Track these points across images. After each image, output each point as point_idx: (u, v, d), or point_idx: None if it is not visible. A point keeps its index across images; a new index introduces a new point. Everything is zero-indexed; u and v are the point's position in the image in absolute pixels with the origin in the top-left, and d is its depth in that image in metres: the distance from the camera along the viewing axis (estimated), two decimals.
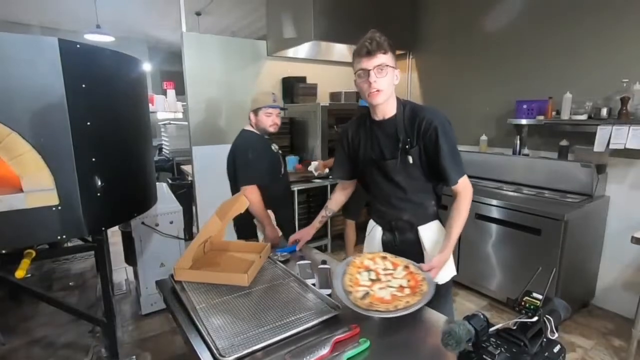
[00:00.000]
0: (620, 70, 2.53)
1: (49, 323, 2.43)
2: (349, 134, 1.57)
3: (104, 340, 2.07)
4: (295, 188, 3.39)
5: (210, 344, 1.00)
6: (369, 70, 1.29)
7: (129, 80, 1.93)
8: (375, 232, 1.61)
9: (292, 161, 4.02)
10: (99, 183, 1.67)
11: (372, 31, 1.34)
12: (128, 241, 2.61)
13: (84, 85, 1.61)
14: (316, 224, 1.78)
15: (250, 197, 2.07)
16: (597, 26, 2.67)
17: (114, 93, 1.81)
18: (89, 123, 1.63)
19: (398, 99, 1.43)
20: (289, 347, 1.01)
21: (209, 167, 3.90)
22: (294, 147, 4.22)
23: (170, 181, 4.15)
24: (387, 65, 1.31)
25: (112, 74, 1.79)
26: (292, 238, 1.75)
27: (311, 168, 3.58)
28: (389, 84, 1.34)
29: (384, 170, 1.46)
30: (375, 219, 1.63)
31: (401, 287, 1.20)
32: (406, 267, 1.30)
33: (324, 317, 1.14)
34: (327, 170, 3.46)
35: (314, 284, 1.38)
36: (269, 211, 2.20)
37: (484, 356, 0.73)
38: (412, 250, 1.47)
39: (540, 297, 0.84)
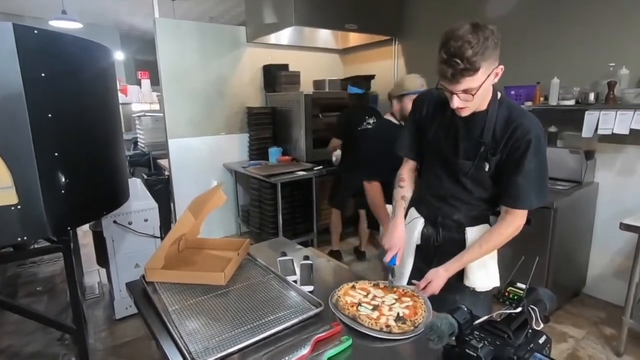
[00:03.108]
0: (607, 55, 2.57)
1: (14, 332, 2.37)
2: (424, 109, 1.37)
3: (74, 349, 2.03)
4: (279, 181, 3.36)
5: (183, 349, 0.98)
6: (453, 93, 1.12)
7: (95, 69, 1.87)
8: (416, 223, 1.48)
9: (274, 153, 3.99)
10: (63, 179, 1.61)
11: (462, 38, 1.02)
12: (99, 241, 2.55)
13: (43, 75, 1.54)
14: (401, 220, 1.42)
15: (371, 193, 2.06)
16: (585, 10, 2.70)
17: (79, 83, 1.74)
18: (50, 115, 1.57)
19: (494, 91, 1.22)
20: (268, 348, 1.00)
21: (186, 160, 3.85)
22: (276, 138, 4.19)
23: (145, 176, 4.07)
24: (478, 86, 1.08)
25: (76, 62, 1.73)
26: (389, 254, 1.35)
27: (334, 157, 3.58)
28: (482, 97, 1.16)
29: (452, 167, 1.32)
30: (419, 209, 1.50)
31: (399, 300, 1.22)
32: (374, 285, 1.30)
33: (305, 316, 1.12)
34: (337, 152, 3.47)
35: (295, 281, 1.37)
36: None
37: (467, 350, 0.73)
38: (454, 250, 1.33)
39: (524, 287, 0.84)
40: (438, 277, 1.23)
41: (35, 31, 1.52)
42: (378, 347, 1.02)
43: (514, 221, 1.25)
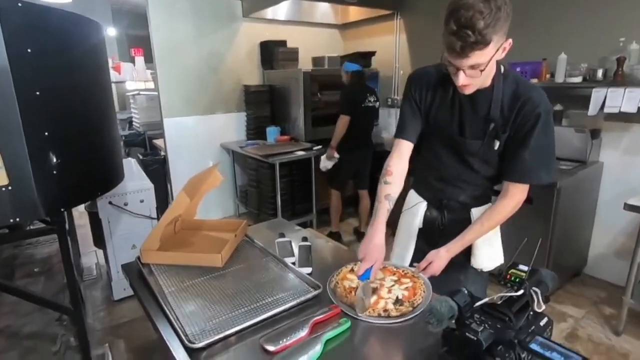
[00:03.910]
0: (617, 29, 2.51)
1: (11, 312, 2.38)
2: (422, 88, 1.28)
3: (72, 329, 2.05)
4: (277, 161, 3.34)
5: (179, 331, 0.98)
6: (459, 69, 1.06)
7: (86, 45, 1.81)
8: (418, 207, 1.44)
9: (273, 132, 3.95)
10: (54, 159, 1.59)
11: (474, 8, 0.94)
12: (95, 223, 2.54)
13: (29, 50, 1.50)
14: (381, 227, 1.21)
15: None
16: None
17: (68, 59, 1.69)
18: (38, 93, 1.53)
19: (498, 66, 1.16)
20: (265, 331, 1.00)
21: (182, 140, 3.81)
22: (274, 117, 4.14)
23: (141, 157, 4.04)
24: (487, 62, 1.03)
25: (64, 38, 1.67)
26: (362, 265, 1.13)
27: (323, 166, 3.44)
28: (487, 74, 1.10)
29: (456, 148, 1.27)
30: (421, 192, 1.46)
31: (398, 282, 1.20)
32: (384, 268, 1.28)
33: (303, 298, 1.12)
34: (336, 155, 3.38)
35: (293, 263, 1.36)
36: None
37: (467, 334, 0.73)
38: (459, 231, 1.30)
39: (526, 269, 0.83)
40: (439, 258, 1.22)
41: (20, 4, 1.47)
42: (377, 328, 1.02)
43: (515, 196, 1.22)
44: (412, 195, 1.50)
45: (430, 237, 1.43)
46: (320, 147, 3.62)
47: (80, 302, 1.99)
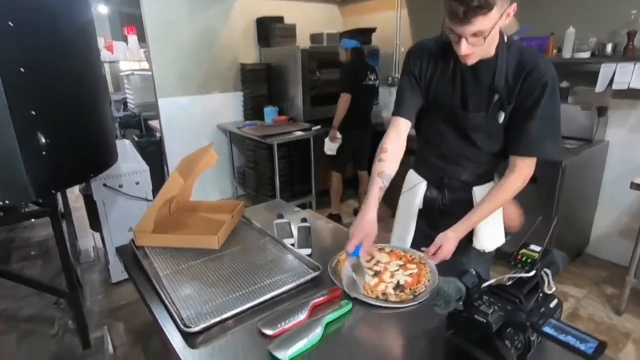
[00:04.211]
0: (628, 2, 2.40)
1: (9, 295, 2.38)
2: (421, 62, 1.22)
3: (70, 312, 2.04)
4: (275, 142, 3.28)
5: (175, 315, 0.95)
6: (461, 37, 1.01)
7: (73, 21, 1.73)
8: (419, 187, 1.39)
9: (270, 112, 3.87)
10: (43, 140, 1.53)
11: None
12: (91, 205, 2.50)
13: (11, 24, 1.43)
14: (373, 204, 1.18)
15: None
16: None
17: (54, 35, 1.62)
18: (22, 69, 1.46)
19: (501, 35, 1.11)
20: (263, 314, 0.97)
21: (178, 121, 3.74)
22: (272, 96, 4.05)
23: (136, 138, 3.98)
24: (491, 28, 0.98)
25: (49, 12, 1.60)
26: (353, 239, 1.10)
27: (328, 148, 3.38)
28: (490, 42, 1.05)
29: (458, 123, 1.22)
30: (421, 172, 1.41)
31: (403, 267, 1.16)
32: (379, 249, 1.25)
33: (302, 280, 1.09)
34: (338, 136, 3.31)
35: (292, 244, 1.33)
36: None
37: (476, 316, 0.69)
38: (460, 211, 1.25)
39: (538, 249, 0.79)
40: (448, 241, 1.16)
41: None
42: (379, 312, 1.00)
43: (523, 171, 1.17)
44: (412, 175, 1.45)
45: (431, 217, 1.39)
46: (319, 127, 3.56)
47: (76, 285, 1.97)
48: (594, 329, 2.20)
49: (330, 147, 3.34)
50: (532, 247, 0.81)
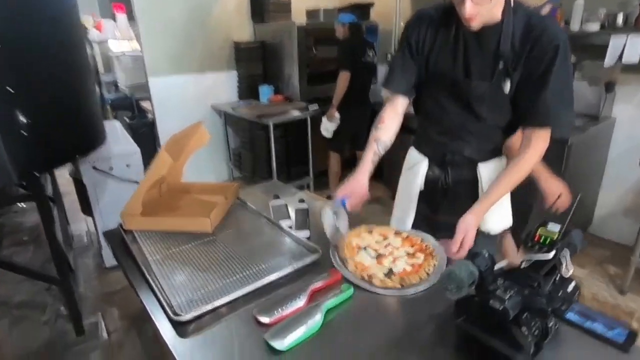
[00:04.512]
0: None
1: (1, 281, 2.33)
2: (419, 32, 1.17)
3: (62, 298, 1.99)
4: (271, 122, 3.19)
5: (164, 302, 0.89)
6: None
7: None
8: (420, 166, 1.32)
9: (266, 92, 3.76)
10: (23, 119, 1.45)
11: None
12: (81, 189, 2.43)
13: None
14: (366, 166, 1.21)
15: None
16: None
17: (32, 9, 1.51)
18: None
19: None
20: (259, 300, 0.92)
21: (171, 101, 3.62)
22: (267, 75, 3.93)
23: (128, 120, 3.87)
24: None
25: None
26: (340, 191, 1.16)
27: (324, 129, 3.27)
28: (495, 2, 0.99)
29: (460, 94, 1.15)
30: (422, 149, 1.34)
31: (410, 255, 1.08)
32: (396, 233, 1.17)
33: (301, 263, 1.03)
34: (337, 115, 3.21)
35: (290, 226, 1.27)
36: None
37: (491, 302, 0.63)
38: (466, 192, 1.22)
39: (557, 229, 0.73)
40: (471, 225, 1.07)
41: None
42: (383, 298, 0.94)
43: (538, 145, 1.09)
44: (412, 153, 1.38)
45: (433, 199, 1.32)
46: (316, 106, 3.46)
47: (67, 271, 1.92)
48: (598, 309, 2.17)
49: (327, 127, 3.24)
50: (551, 226, 0.74)
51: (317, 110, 3.43)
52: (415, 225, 1.33)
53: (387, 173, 3.36)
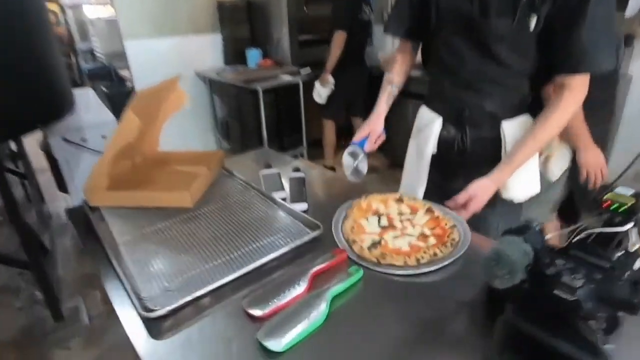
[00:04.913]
0: None
1: None
2: None
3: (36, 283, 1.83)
4: (260, 87, 2.97)
5: (131, 294, 0.73)
6: None
7: None
8: (432, 125, 1.15)
9: (254, 56, 3.51)
10: None
11: None
12: (54, 164, 2.23)
13: None
14: (381, 108, 1.18)
15: None
16: None
17: None
18: None
19: None
20: (250, 287, 0.76)
21: (150, 67, 3.36)
22: (255, 38, 3.67)
23: (105, 89, 3.62)
24: None
25: None
26: (361, 132, 1.16)
27: (317, 94, 3.05)
28: None
29: (478, 35, 0.99)
30: (435, 106, 1.18)
31: (423, 236, 0.90)
32: (429, 209, 0.98)
33: (299, 242, 0.87)
34: (331, 80, 2.99)
35: (284, 199, 1.10)
36: None
37: (556, 291, 0.48)
38: (486, 155, 1.08)
39: (630, 193, 0.57)
40: (484, 190, 0.95)
41: None
42: (397, 280, 0.79)
43: (576, 94, 0.93)
44: (424, 111, 1.21)
45: (448, 165, 1.17)
46: (308, 70, 3.23)
47: (39, 254, 1.75)
48: None
49: (320, 92, 3.03)
50: (620, 190, 0.58)
51: (309, 75, 3.21)
52: (426, 196, 1.17)
53: (386, 139, 3.19)
